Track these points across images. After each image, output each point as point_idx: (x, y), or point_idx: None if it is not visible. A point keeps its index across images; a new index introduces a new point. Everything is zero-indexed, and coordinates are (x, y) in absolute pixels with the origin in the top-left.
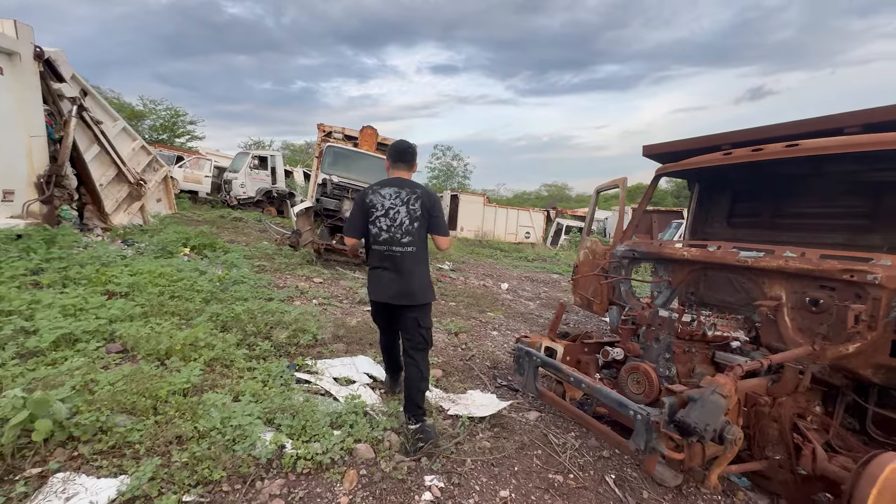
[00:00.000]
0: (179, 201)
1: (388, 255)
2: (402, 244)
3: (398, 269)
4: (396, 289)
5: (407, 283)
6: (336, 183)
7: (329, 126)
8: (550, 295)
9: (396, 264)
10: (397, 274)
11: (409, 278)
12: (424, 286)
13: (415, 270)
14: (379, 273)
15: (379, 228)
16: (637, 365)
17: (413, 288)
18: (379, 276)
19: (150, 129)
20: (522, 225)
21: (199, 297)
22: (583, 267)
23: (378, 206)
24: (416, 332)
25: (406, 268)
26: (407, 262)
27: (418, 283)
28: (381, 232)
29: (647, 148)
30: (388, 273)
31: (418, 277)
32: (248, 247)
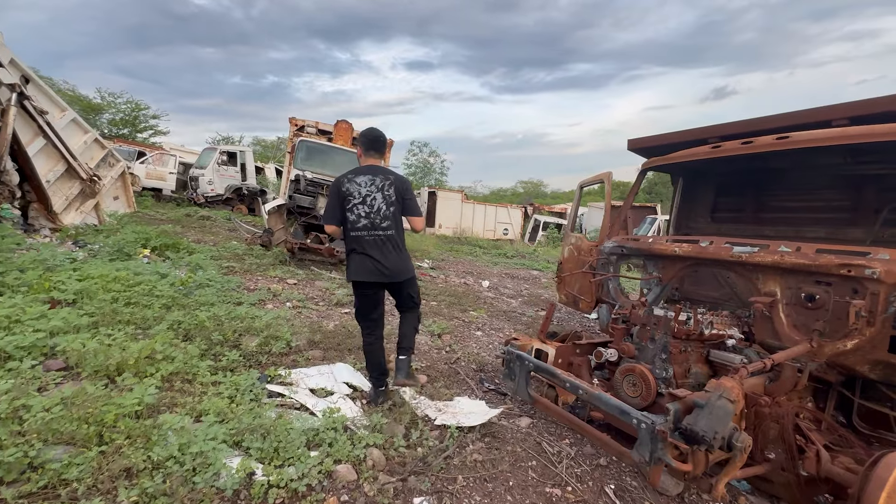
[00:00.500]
0: (141, 199)
1: (370, 239)
2: (382, 228)
3: (383, 252)
4: (386, 269)
5: (394, 263)
6: (310, 179)
7: (301, 120)
8: (532, 292)
9: (380, 247)
10: (383, 256)
11: (395, 259)
12: (408, 263)
13: (397, 250)
14: (363, 258)
15: (357, 215)
16: (632, 367)
17: (400, 266)
18: (363, 261)
19: (110, 123)
20: (500, 222)
21: (158, 304)
22: (567, 264)
23: (355, 193)
24: (408, 300)
25: (389, 249)
26: (389, 244)
27: (403, 262)
28: (359, 218)
29: (633, 142)
30: (372, 257)
31: (398, 255)
32: (216, 247)
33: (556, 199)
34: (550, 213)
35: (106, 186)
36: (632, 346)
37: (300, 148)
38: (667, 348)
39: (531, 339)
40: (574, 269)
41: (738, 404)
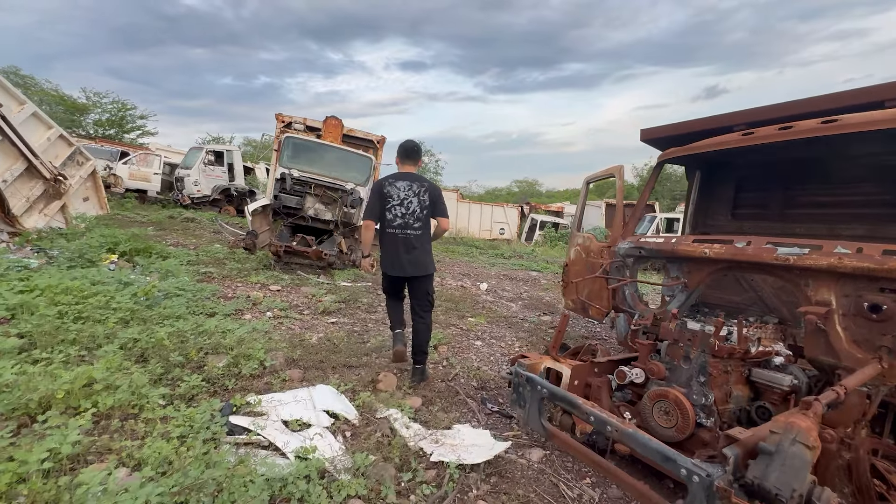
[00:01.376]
0: (125, 201)
1: (402, 237)
2: (413, 228)
3: (411, 248)
4: (411, 263)
5: (419, 258)
6: (296, 178)
7: (289, 116)
8: (532, 295)
9: (410, 244)
10: (411, 252)
11: (420, 254)
12: (429, 259)
13: (424, 248)
14: (395, 253)
15: (394, 215)
16: (664, 391)
17: (424, 261)
18: (394, 255)
19: (96, 123)
20: (497, 221)
21: (114, 318)
22: (574, 266)
23: (394, 196)
24: (424, 298)
25: (417, 246)
26: (417, 242)
27: (427, 258)
28: (395, 218)
29: (647, 132)
30: (402, 252)
31: (424, 253)
32: (196, 251)
33: (552, 198)
34: (547, 212)
35: (73, 187)
36: (661, 365)
37: (286, 145)
38: (706, 369)
39: (541, 357)
40: (582, 272)
41: (815, 451)
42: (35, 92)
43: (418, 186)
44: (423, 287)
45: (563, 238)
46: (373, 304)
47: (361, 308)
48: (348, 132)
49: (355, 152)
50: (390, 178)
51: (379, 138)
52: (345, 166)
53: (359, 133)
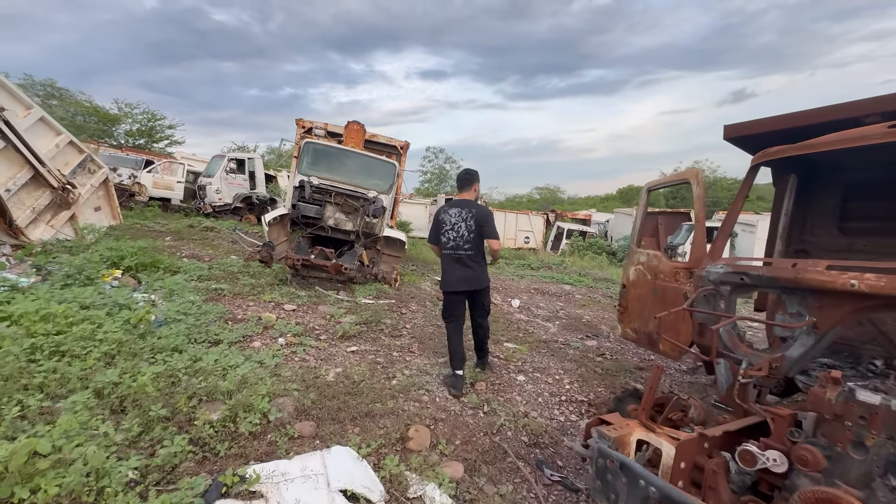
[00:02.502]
0: (148, 209)
1: (455, 257)
2: (464, 249)
3: (464, 266)
4: (465, 279)
5: (471, 275)
6: (316, 186)
7: (309, 122)
8: (569, 313)
9: (463, 263)
10: (464, 270)
11: (471, 272)
12: (483, 275)
13: (474, 266)
14: (451, 271)
15: (448, 238)
16: (831, 496)
17: (476, 277)
18: (450, 274)
19: (126, 133)
20: (521, 229)
21: (98, 352)
22: (636, 289)
23: (447, 222)
24: (481, 308)
25: (469, 265)
26: (468, 261)
27: (479, 274)
28: (448, 241)
29: (733, 129)
30: (457, 269)
31: (478, 270)
32: (210, 263)
33: (574, 204)
34: (574, 220)
35: (83, 196)
36: (816, 451)
37: (305, 151)
38: None
39: (628, 423)
40: (647, 296)
41: None
42: (69, 103)
43: (466, 212)
44: (479, 299)
45: (591, 248)
46: (397, 326)
47: (385, 331)
48: (370, 137)
49: (378, 158)
50: (445, 206)
51: (402, 144)
52: (367, 173)
53: (381, 138)
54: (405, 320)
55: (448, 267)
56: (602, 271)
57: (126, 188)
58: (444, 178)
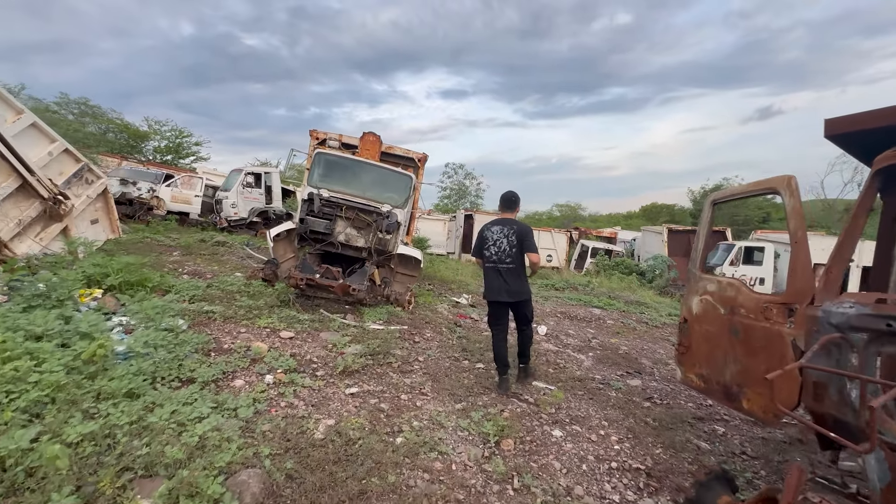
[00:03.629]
0: (165, 223)
1: (497, 269)
2: (506, 263)
3: (504, 279)
4: (506, 291)
5: (513, 287)
6: (326, 199)
7: (323, 133)
8: (603, 342)
9: (503, 276)
10: (504, 282)
11: (512, 284)
12: (523, 288)
13: (514, 279)
14: (492, 283)
15: (490, 253)
16: None
17: (516, 289)
18: (493, 284)
19: (155, 150)
20: (543, 247)
21: (27, 399)
22: (703, 325)
23: (489, 238)
24: (523, 316)
25: (509, 278)
26: (509, 274)
27: (519, 287)
28: (491, 255)
29: (837, 123)
30: (498, 282)
31: (518, 283)
32: (211, 280)
33: (595, 222)
34: (599, 238)
35: (78, 208)
36: None
37: (317, 161)
38: None
39: None
40: (719, 336)
41: None
42: (102, 120)
43: (508, 229)
44: (520, 310)
45: (618, 267)
46: (408, 358)
47: (393, 366)
48: (387, 149)
49: (393, 170)
50: (490, 223)
51: (420, 156)
52: (382, 186)
53: (398, 150)
54: (418, 351)
55: (490, 278)
56: (633, 293)
57: (144, 202)
58: (464, 195)
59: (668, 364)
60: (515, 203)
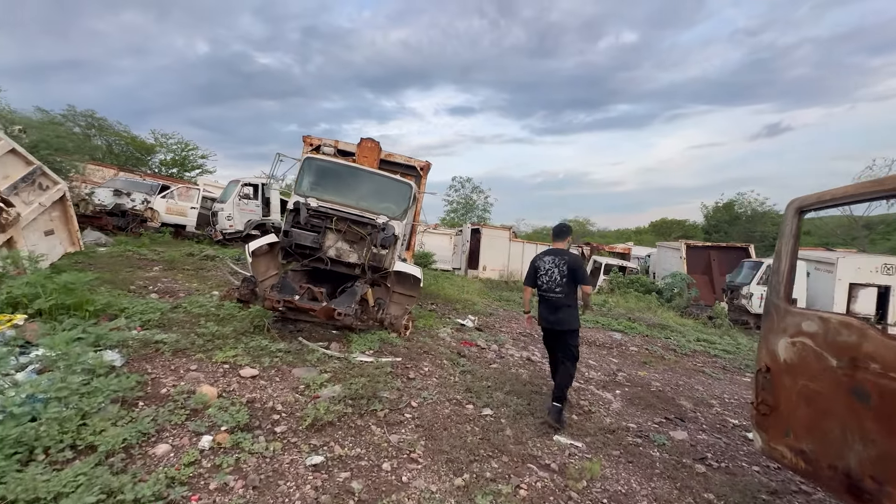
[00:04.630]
0: (158, 235)
1: (547, 298)
2: (554, 292)
3: (553, 308)
4: (554, 319)
5: (560, 317)
6: (314, 209)
7: (318, 139)
8: (631, 377)
9: (552, 305)
10: (553, 311)
11: (559, 313)
12: (567, 318)
13: (561, 309)
14: (544, 310)
15: (542, 282)
16: None
17: (562, 318)
18: (542, 313)
19: (161, 163)
20: None
21: None
22: (799, 379)
23: (542, 268)
24: (567, 348)
25: (557, 307)
26: (557, 303)
27: (563, 316)
28: (543, 284)
29: None
30: (548, 310)
31: (563, 312)
32: (181, 300)
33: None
34: (612, 254)
35: (27, 217)
36: None
37: (305, 168)
38: None
39: None
40: (830, 398)
41: None
42: (108, 133)
43: (559, 260)
44: (564, 339)
45: (633, 285)
46: (398, 403)
47: (378, 415)
48: (386, 157)
49: (391, 177)
50: (542, 253)
51: (422, 164)
52: (378, 195)
53: (399, 158)
54: (412, 391)
55: (541, 307)
56: (653, 314)
57: (138, 213)
58: (471, 208)
59: (711, 406)
60: (565, 233)
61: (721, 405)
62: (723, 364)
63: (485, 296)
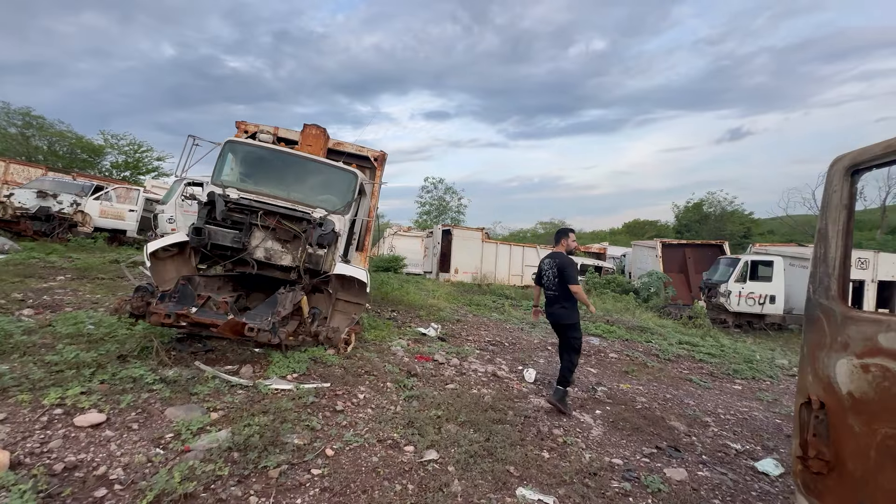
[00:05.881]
0: (90, 241)
1: (548, 295)
2: (551, 290)
3: (551, 303)
4: (551, 313)
5: (557, 311)
6: (235, 201)
7: (254, 125)
8: (613, 392)
9: (550, 300)
10: (551, 305)
11: (555, 308)
12: (565, 313)
13: (556, 305)
14: (546, 304)
15: (543, 281)
16: None
17: (558, 313)
18: (546, 306)
19: (112, 165)
20: (529, 265)
21: None
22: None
23: (543, 268)
24: (567, 340)
25: (554, 303)
26: (554, 300)
27: (561, 311)
28: (544, 283)
29: None
30: (549, 305)
31: (561, 308)
32: (60, 315)
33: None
34: (587, 254)
35: None
36: None
37: (225, 153)
38: None
39: None
40: None
41: None
42: (48, 132)
43: (553, 262)
44: (564, 331)
45: (610, 285)
46: (304, 454)
47: (270, 476)
48: (335, 146)
49: (332, 164)
50: (544, 256)
51: (377, 154)
52: (316, 186)
53: (350, 147)
54: (332, 432)
55: (545, 301)
56: (632, 316)
57: (66, 217)
58: (444, 210)
59: (706, 425)
60: (560, 237)
61: (717, 423)
62: (710, 370)
63: (454, 300)
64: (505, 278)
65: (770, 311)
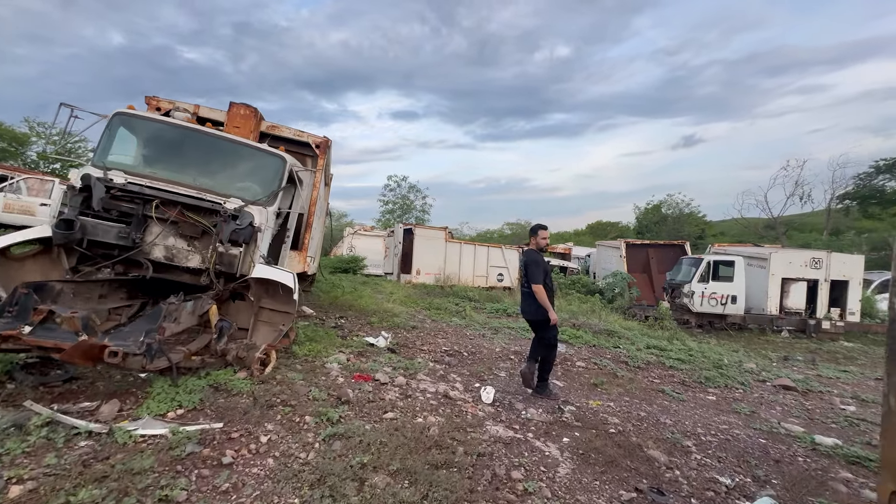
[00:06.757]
0: None
1: (521, 292)
2: (525, 286)
3: (524, 300)
4: (524, 310)
5: (526, 307)
6: (120, 187)
7: (168, 101)
8: (582, 412)
9: (523, 297)
10: (524, 303)
11: (526, 305)
12: (530, 309)
13: (526, 301)
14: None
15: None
16: None
17: (526, 309)
18: (521, 304)
19: (39, 156)
20: (494, 265)
21: None
22: None
23: (520, 264)
24: (540, 338)
25: (524, 299)
26: (525, 297)
27: (530, 308)
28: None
29: None
30: (522, 303)
31: (528, 304)
32: None
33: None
34: (552, 255)
35: None
36: None
37: (114, 128)
38: None
39: None
40: None
41: None
42: None
43: (523, 259)
44: (536, 329)
45: (575, 286)
46: None
47: None
48: (269, 129)
49: (254, 146)
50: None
51: (319, 140)
52: (236, 173)
53: (287, 132)
54: None
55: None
56: (598, 318)
57: None
58: (409, 209)
59: (688, 451)
60: (532, 233)
61: (698, 447)
62: (681, 378)
63: (413, 304)
64: (469, 279)
65: (731, 311)
